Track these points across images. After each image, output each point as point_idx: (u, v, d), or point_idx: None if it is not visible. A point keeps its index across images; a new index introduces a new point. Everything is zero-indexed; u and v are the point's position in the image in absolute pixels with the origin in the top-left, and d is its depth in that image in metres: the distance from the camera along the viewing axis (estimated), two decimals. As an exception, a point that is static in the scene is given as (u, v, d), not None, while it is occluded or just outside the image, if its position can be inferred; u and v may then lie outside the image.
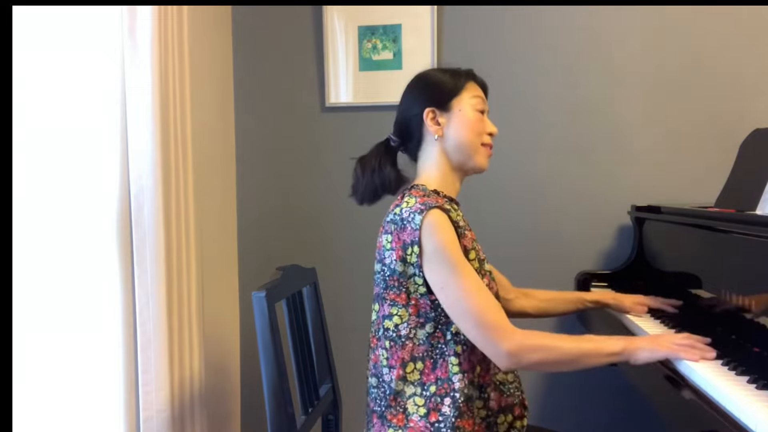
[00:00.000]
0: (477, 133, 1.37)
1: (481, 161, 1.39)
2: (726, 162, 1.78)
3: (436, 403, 1.26)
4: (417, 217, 1.24)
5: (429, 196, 1.32)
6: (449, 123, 1.37)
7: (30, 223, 1.51)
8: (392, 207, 1.33)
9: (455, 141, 1.36)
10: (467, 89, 1.39)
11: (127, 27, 1.67)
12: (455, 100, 1.37)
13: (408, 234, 1.24)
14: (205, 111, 2.17)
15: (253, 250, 2.43)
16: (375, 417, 1.32)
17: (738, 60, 2.09)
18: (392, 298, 1.29)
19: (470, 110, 1.37)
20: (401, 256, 1.25)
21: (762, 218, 1.34)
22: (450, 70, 1.42)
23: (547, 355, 1.20)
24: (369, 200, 1.42)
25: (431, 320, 1.27)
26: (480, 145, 1.38)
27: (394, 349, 1.28)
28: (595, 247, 2.20)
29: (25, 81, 1.48)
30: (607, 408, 2.20)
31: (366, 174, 1.41)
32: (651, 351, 1.22)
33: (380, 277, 1.32)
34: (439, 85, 1.39)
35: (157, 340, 1.72)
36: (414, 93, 1.41)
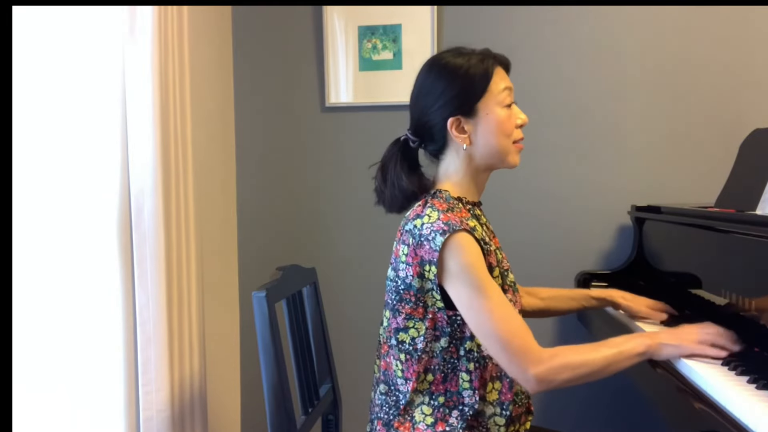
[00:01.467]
0: (507, 134, 1.27)
1: (514, 160, 1.30)
2: (726, 162, 1.78)
3: (444, 413, 1.24)
4: (438, 238, 1.17)
5: (452, 209, 1.24)
6: (476, 129, 1.26)
7: (30, 223, 1.51)
8: (412, 215, 1.26)
9: (485, 148, 1.27)
10: (494, 81, 1.26)
11: (127, 27, 1.67)
12: (482, 102, 1.25)
13: (426, 252, 1.19)
14: (205, 111, 2.17)
15: (253, 250, 2.43)
16: (380, 424, 1.29)
17: (738, 60, 2.09)
18: (408, 312, 1.24)
19: (499, 110, 1.26)
20: (419, 272, 1.21)
21: (762, 218, 1.34)
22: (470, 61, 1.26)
23: (575, 372, 1.16)
24: (397, 211, 1.34)
25: (447, 335, 1.23)
26: (511, 145, 1.29)
27: (410, 362, 1.25)
28: (595, 247, 2.20)
29: (25, 81, 1.48)
30: (607, 408, 2.19)
31: (387, 185, 1.32)
32: (676, 347, 1.19)
33: (392, 287, 1.27)
34: (463, 82, 1.25)
35: (157, 340, 1.72)
36: (433, 92, 1.27)
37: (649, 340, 1.20)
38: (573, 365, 1.16)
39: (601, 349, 1.19)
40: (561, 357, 1.16)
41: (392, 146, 1.35)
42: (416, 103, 1.31)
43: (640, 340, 1.20)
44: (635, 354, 1.19)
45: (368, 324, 2.35)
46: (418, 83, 1.31)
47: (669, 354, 1.20)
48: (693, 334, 1.22)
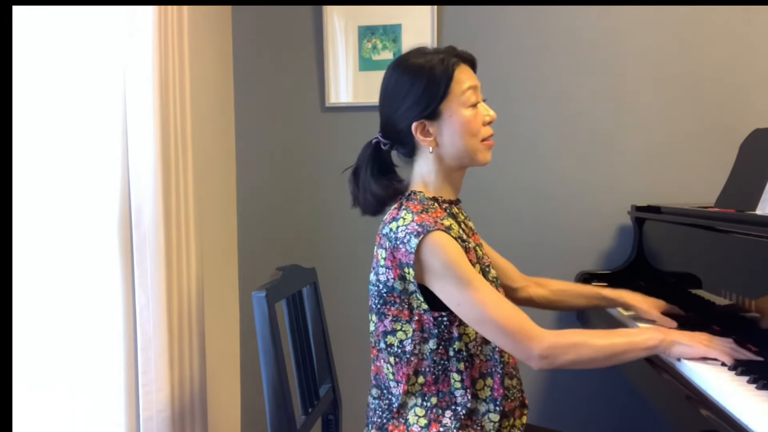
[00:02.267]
0: (473, 133, 1.25)
1: (484, 157, 1.28)
2: (726, 162, 1.78)
3: (437, 414, 1.24)
4: (413, 240, 1.17)
5: (427, 210, 1.24)
6: (441, 131, 1.25)
7: (30, 223, 1.51)
8: (388, 218, 1.27)
9: (452, 149, 1.26)
10: (456, 81, 1.24)
11: (127, 27, 1.67)
12: (445, 104, 1.23)
13: (403, 255, 1.19)
14: (205, 111, 2.17)
15: (253, 250, 2.43)
16: (374, 428, 1.29)
17: (738, 60, 2.09)
18: (394, 314, 1.24)
19: (463, 111, 1.24)
20: (399, 274, 1.21)
21: (762, 218, 1.34)
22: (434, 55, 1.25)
23: (580, 353, 1.15)
24: (372, 214, 1.34)
25: (434, 336, 1.23)
26: (479, 143, 1.27)
27: (400, 365, 1.25)
28: (595, 247, 2.20)
29: (25, 81, 1.48)
30: (607, 408, 2.19)
31: (360, 190, 1.32)
32: (689, 347, 1.18)
33: (375, 291, 1.27)
34: (426, 84, 1.23)
35: (157, 340, 1.72)
36: (397, 94, 1.26)
37: (662, 335, 1.19)
38: (577, 345, 1.15)
39: (610, 336, 1.18)
40: (567, 336, 1.16)
41: (365, 149, 1.35)
42: (382, 106, 1.31)
43: (653, 334, 1.19)
44: (646, 347, 1.18)
45: (368, 324, 2.35)
46: (383, 85, 1.30)
47: (680, 352, 1.18)
48: (707, 338, 1.20)
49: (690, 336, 1.21)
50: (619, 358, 1.17)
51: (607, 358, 1.16)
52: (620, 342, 1.17)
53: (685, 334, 1.22)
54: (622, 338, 1.18)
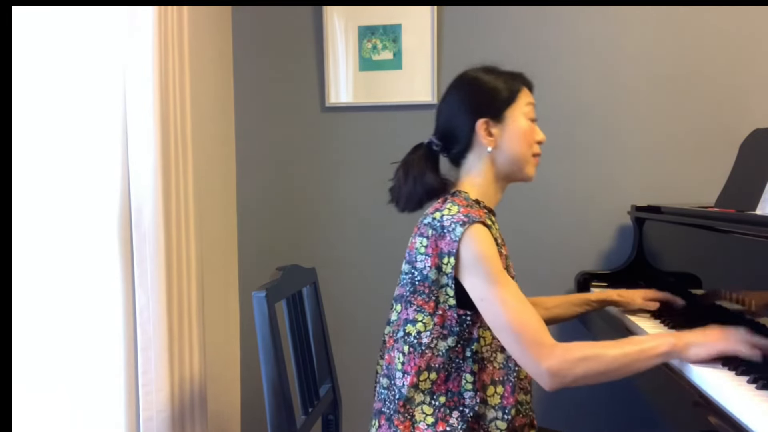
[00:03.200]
0: (529, 144, 1.34)
1: (531, 171, 1.36)
2: (726, 162, 1.78)
3: (445, 413, 1.24)
4: (458, 228, 1.20)
5: (472, 206, 1.28)
6: (503, 134, 1.32)
7: (30, 223, 1.51)
8: (431, 210, 1.29)
9: (508, 153, 1.33)
10: (521, 95, 1.34)
11: (127, 27, 1.67)
12: (509, 110, 1.32)
13: (446, 243, 1.21)
14: (205, 111, 2.17)
15: (253, 251, 2.43)
16: (383, 419, 1.29)
17: (738, 60, 2.09)
18: (419, 304, 1.25)
19: (524, 120, 1.33)
20: (437, 264, 1.22)
21: (762, 218, 1.34)
22: (502, 74, 1.36)
23: (591, 366, 1.13)
24: (412, 209, 1.36)
25: (455, 334, 1.24)
26: (531, 156, 1.34)
27: (412, 355, 1.25)
28: (595, 247, 2.20)
29: (25, 81, 1.48)
30: (607, 408, 2.19)
31: (408, 181, 1.35)
32: (704, 346, 1.15)
33: (408, 279, 1.28)
34: (494, 93, 1.33)
35: (157, 340, 1.72)
36: (465, 99, 1.35)
37: (674, 339, 1.16)
38: (588, 358, 1.13)
39: (621, 346, 1.15)
40: (576, 350, 1.14)
41: (415, 149, 1.39)
42: (445, 108, 1.37)
43: (665, 339, 1.17)
44: (658, 353, 1.15)
45: (368, 324, 2.35)
46: (450, 93, 1.38)
47: (697, 354, 1.15)
48: (720, 332, 1.17)
49: (702, 334, 1.18)
50: (632, 369, 1.14)
51: (618, 370, 1.14)
52: (631, 351, 1.14)
53: (697, 333, 1.18)
54: (634, 347, 1.15)
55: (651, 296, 1.62)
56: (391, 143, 2.31)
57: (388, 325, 1.35)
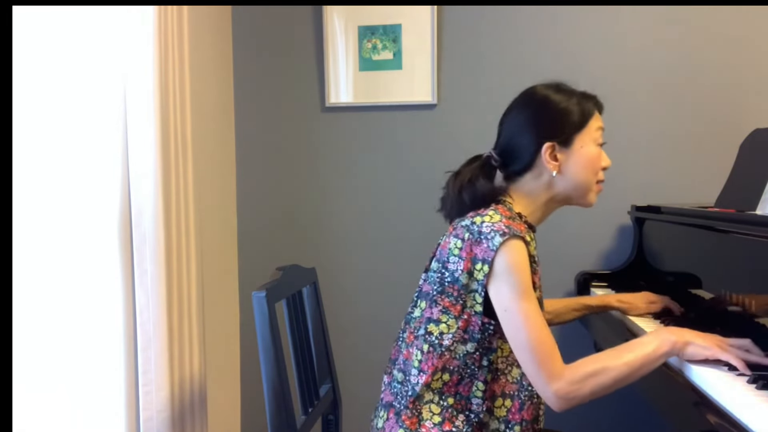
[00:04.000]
0: (595, 171, 1.31)
1: (593, 199, 1.33)
2: (726, 162, 1.78)
3: (452, 415, 1.24)
4: (498, 237, 1.18)
5: (514, 219, 1.25)
6: (568, 160, 1.29)
7: (30, 223, 1.51)
8: (472, 213, 1.27)
9: (572, 180, 1.30)
10: (593, 121, 1.31)
11: (127, 27, 1.67)
12: (579, 135, 1.29)
13: (482, 250, 1.19)
14: (205, 111, 2.17)
15: (253, 250, 2.43)
16: (392, 412, 1.29)
17: (738, 60, 2.09)
18: (446, 306, 1.24)
19: (593, 147, 1.30)
20: (469, 268, 1.21)
21: (762, 218, 1.33)
22: (575, 95, 1.32)
23: (598, 381, 1.12)
24: (456, 216, 1.32)
25: (475, 341, 1.23)
26: (595, 183, 1.32)
27: (431, 355, 1.24)
28: (595, 247, 2.20)
29: (25, 81, 1.48)
30: (608, 408, 2.19)
31: (455, 189, 1.32)
32: (703, 348, 1.14)
33: (436, 278, 1.26)
34: (565, 116, 1.29)
35: (157, 340, 1.72)
36: (532, 118, 1.31)
37: (674, 337, 1.16)
38: (594, 373, 1.13)
39: (623, 355, 1.15)
40: (581, 368, 1.14)
41: (473, 160, 1.37)
42: (510, 125, 1.34)
43: (665, 338, 1.16)
44: (660, 355, 1.15)
45: (368, 324, 2.35)
46: (517, 108, 1.34)
47: (694, 353, 1.15)
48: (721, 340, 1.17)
49: (704, 336, 1.18)
50: (638, 375, 1.14)
51: (625, 379, 1.14)
52: (634, 357, 1.14)
53: (699, 334, 1.19)
54: (635, 352, 1.15)
55: (651, 299, 1.60)
56: (391, 143, 2.31)
57: (410, 320, 1.32)
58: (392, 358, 1.36)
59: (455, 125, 2.26)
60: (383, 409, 1.32)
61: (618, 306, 1.61)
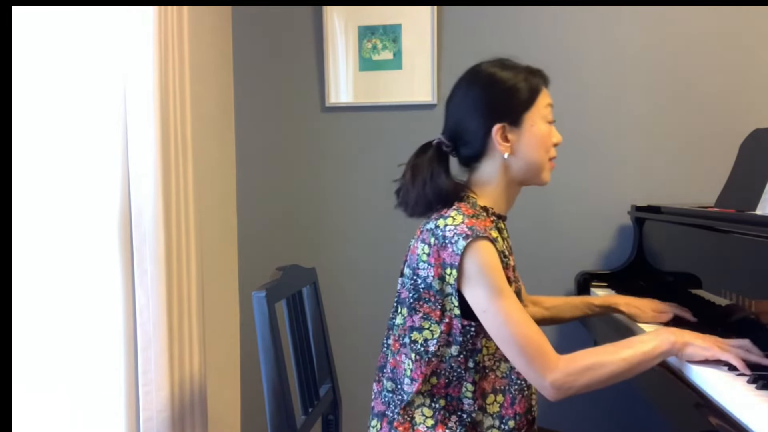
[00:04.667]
0: (546, 149, 1.28)
1: (547, 177, 1.31)
2: (726, 162, 1.78)
3: (444, 416, 1.24)
4: (461, 241, 1.16)
5: (478, 216, 1.23)
6: (520, 140, 1.26)
7: (30, 223, 1.51)
8: (435, 215, 1.25)
9: (525, 160, 1.27)
10: (541, 96, 1.28)
11: (127, 27, 1.67)
12: (528, 114, 1.26)
13: (448, 255, 1.18)
14: (205, 111, 2.17)
15: (253, 250, 2.43)
16: (385, 421, 1.28)
17: (738, 60, 2.09)
18: (426, 312, 1.23)
19: (543, 124, 1.27)
20: (440, 274, 1.20)
21: (762, 218, 1.33)
22: (521, 71, 1.28)
23: (594, 375, 1.12)
24: (420, 214, 1.29)
25: (458, 344, 1.21)
26: (548, 161, 1.29)
27: (419, 363, 1.24)
28: (595, 247, 2.20)
29: (25, 82, 1.48)
30: (607, 408, 2.19)
31: (417, 184, 1.27)
32: (703, 348, 1.14)
33: (411, 285, 1.25)
34: (513, 94, 1.25)
35: (157, 340, 1.72)
36: (479, 99, 1.27)
37: (674, 337, 1.15)
38: (591, 367, 1.12)
39: (621, 350, 1.14)
40: (578, 360, 1.13)
41: (423, 148, 1.32)
42: (457, 108, 1.30)
43: (665, 337, 1.16)
44: (660, 353, 1.14)
45: (368, 324, 2.35)
46: (462, 89, 1.30)
47: (693, 353, 1.14)
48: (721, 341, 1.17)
49: (703, 338, 1.17)
50: (634, 372, 1.14)
51: (622, 374, 1.13)
52: (632, 354, 1.14)
53: (698, 335, 1.18)
54: (634, 349, 1.14)
55: (661, 308, 1.53)
56: (391, 143, 2.31)
57: (393, 327, 1.31)
58: (379, 365, 1.35)
59: (455, 125, 2.26)
60: (376, 419, 1.31)
61: (625, 310, 1.55)
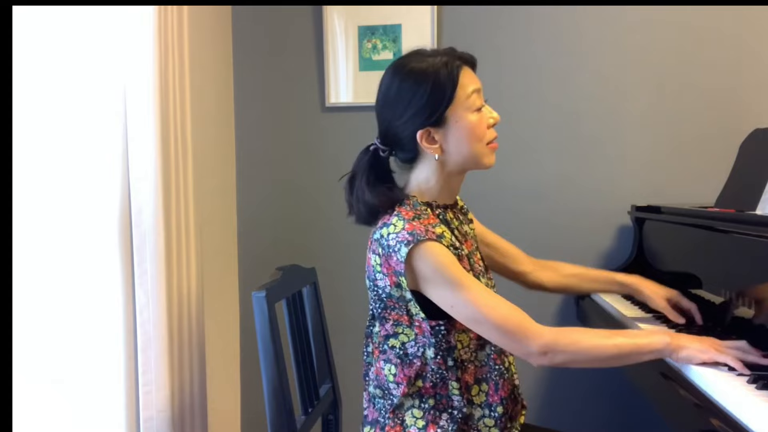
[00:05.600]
0: (479, 138, 1.23)
1: (489, 161, 1.26)
2: (726, 162, 1.78)
3: (435, 416, 1.24)
4: (403, 249, 1.15)
5: (419, 216, 1.21)
6: (447, 138, 1.22)
7: (30, 223, 1.51)
8: (380, 223, 1.24)
9: (458, 155, 1.24)
10: (461, 85, 1.21)
11: (127, 27, 1.67)
12: (450, 110, 1.21)
13: (394, 264, 1.18)
14: (205, 111, 2.17)
15: (253, 250, 2.43)
16: (378, 428, 1.28)
17: (738, 60, 2.09)
18: (395, 319, 1.24)
19: (469, 116, 1.22)
20: (395, 282, 1.20)
21: (762, 218, 1.34)
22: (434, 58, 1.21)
23: (580, 349, 1.13)
24: (367, 221, 1.29)
25: (432, 345, 1.21)
26: (485, 147, 1.24)
27: (401, 367, 1.24)
28: (595, 247, 2.20)
29: (25, 82, 1.48)
30: (607, 408, 2.19)
31: (356, 192, 1.27)
32: (699, 351, 1.13)
33: (374, 296, 1.25)
34: (430, 92, 1.19)
35: (157, 340, 1.72)
36: (400, 101, 1.22)
37: (668, 338, 1.15)
38: (579, 342, 1.13)
39: (614, 336, 1.15)
40: (568, 333, 1.14)
41: (362, 155, 1.31)
42: (382, 112, 1.27)
43: (660, 337, 1.15)
44: (652, 350, 1.14)
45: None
46: (383, 91, 1.26)
47: (688, 356, 1.13)
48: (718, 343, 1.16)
49: (700, 340, 1.17)
50: (623, 360, 1.15)
51: (609, 359, 1.14)
52: (624, 343, 1.14)
53: (695, 338, 1.17)
54: (627, 339, 1.15)
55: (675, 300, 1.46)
56: (391, 143, 2.31)
57: (371, 335, 1.31)
58: (363, 372, 1.35)
59: (455, 125, 2.26)
60: (369, 426, 1.31)
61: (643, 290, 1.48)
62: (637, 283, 1.52)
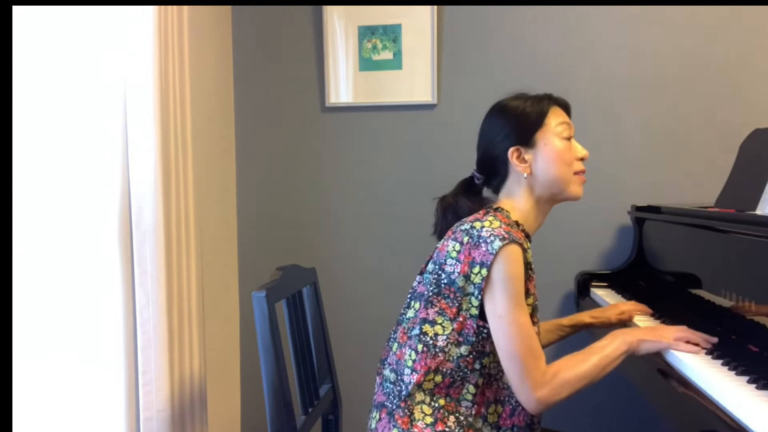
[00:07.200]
0: (567, 163, 1.33)
1: (576, 191, 1.35)
2: (726, 162, 1.78)
3: (444, 415, 1.25)
4: (497, 242, 1.21)
5: (512, 226, 1.29)
6: (536, 159, 1.33)
7: (30, 223, 1.51)
8: (471, 218, 1.30)
9: (545, 177, 1.33)
10: (551, 116, 1.34)
11: (127, 27, 1.67)
12: (539, 133, 1.33)
13: (481, 254, 1.21)
14: (205, 111, 2.17)
15: (253, 250, 2.43)
16: (384, 412, 1.30)
17: (738, 60, 2.09)
18: (442, 307, 1.26)
19: (556, 141, 1.33)
20: (467, 272, 1.23)
21: (762, 218, 1.33)
22: (529, 97, 1.38)
23: (572, 387, 1.21)
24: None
25: (469, 344, 1.24)
26: (572, 175, 1.34)
27: (425, 355, 1.26)
28: (595, 247, 2.20)
29: (25, 82, 1.48)
30: (607, 408, 2.20)
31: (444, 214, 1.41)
32: (654, 343, 1.25)
33: (433, 280, 1.28)
34: (521, 117, 1.34)
35: (157, 340, 1.72)
36: (494, 128, 1.36)
37: (629, 338, 1.25)
38: (570, 381, 1.21)
39: (589, 358, 1.23)
40: (560, 375, 1.21)
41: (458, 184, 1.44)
42: (481, 140, 1.40)
43: (621, 339, 1.25)
44: (619, 354, 1.24)
45: (368, 324, 2.35)
46: (483, 123, 1.40)
47: (647, 348, 1.25)
48: (669, 331, 1.27)
49: (654, 332, 1.28)
50: (603, 373, 1.24)
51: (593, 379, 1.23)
52: (598, 359, 1.23)
53: (648, 331, 1.29)
54: (599, 355, 1.24)
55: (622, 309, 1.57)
56: (391, 143, 2.31)
57: (403, 321, 1.34)
58: (383, 358, 1.37)
59: (455, 125, 2.26)
60: (376, 410, 1.33)
61: (591, 321, 1.61)
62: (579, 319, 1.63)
